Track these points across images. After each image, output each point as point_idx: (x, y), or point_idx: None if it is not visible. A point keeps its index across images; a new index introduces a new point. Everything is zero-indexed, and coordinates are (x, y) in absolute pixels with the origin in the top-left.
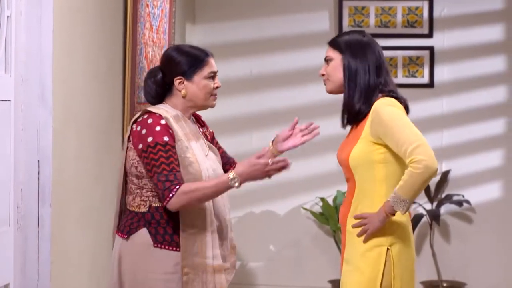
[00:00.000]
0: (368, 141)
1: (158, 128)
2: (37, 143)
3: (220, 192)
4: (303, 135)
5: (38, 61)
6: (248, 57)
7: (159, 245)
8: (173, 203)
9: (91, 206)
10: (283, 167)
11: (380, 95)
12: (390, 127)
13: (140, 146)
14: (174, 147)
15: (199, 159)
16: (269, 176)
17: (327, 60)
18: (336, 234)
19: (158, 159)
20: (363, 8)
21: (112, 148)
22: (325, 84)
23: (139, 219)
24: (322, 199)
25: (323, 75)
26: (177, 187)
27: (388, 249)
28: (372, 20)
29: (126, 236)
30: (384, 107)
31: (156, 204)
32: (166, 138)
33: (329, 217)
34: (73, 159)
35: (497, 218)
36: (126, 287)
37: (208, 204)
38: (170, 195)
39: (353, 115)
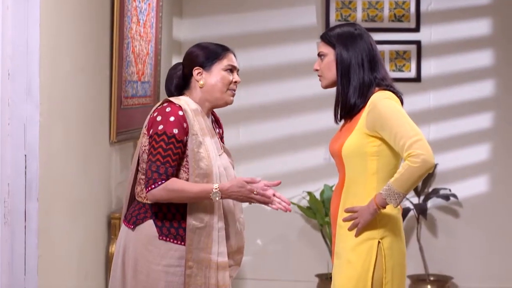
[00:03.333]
0: (362, 133)
1: (172, 119)
2: (24, 138)
3: (200, 199)
4: (273, 201)
5: (25, 56)
6: (236, 51)
7: (164, 238)
8: (153, 194)
9: (78, 201)
10: (265, 203)
11: (377, 88)
12: (388, 120)
13: (151, 131)
14: (180, 141)
15: (211, 155)
16: (250, 202)
17: (320, 55)
18: (323, 228)
19: (157, 148)
20: (350, 2)
21: (99, 142)
22: (320, 80)
23: (146, 210)
24: (309, 193)
25: (317, 70)
26: (162, 181)
27: (379, 242)
28: (359, 14)
29: (132, 227)
30: (382, 100)
31: None
32: (175, 131)
33: (316, 211)
34: (60, 153)
35: (483, 212)
36: (129, 277)
37: (218, 201)
38: (153, 186)
39: (348, 110)
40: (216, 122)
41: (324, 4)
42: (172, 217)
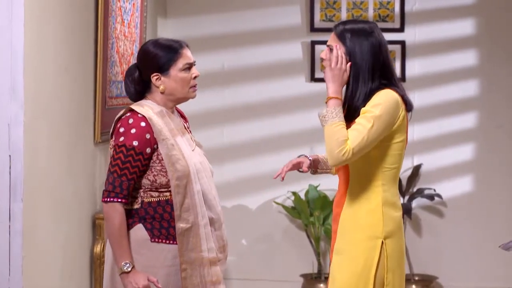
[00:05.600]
0: None
1: (133, 131)
2: (8, 138)
3: (113, 250)
4: None
5: (9, 55)
6: (220, 51)
7: (156, 240)
8: (104, 206)
9: (63, 201)
10: None
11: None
12: (366, 112)
13: (113, 142)
14: (140, 153)
15: (186, 155)
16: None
17: (331, 48)
18: (308, 228)
19: (116, 159)
20: (334, 2)
21: (83, 142)
22: (324, 72)
23: (133, 215)
24: (294, 193)
25: (323, 59)
26: (114, 199)
27: (383, 242)
28: (343, 14)
29: None
30: (380, 98)
31: (148, 199)
32: (135, 143)
33: (301, 211)
34: (45, 153)
35: (468, 212)
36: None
37: (199, 198)
38: (105, 199)
39: (352, 113)
40: (181, 116)
41: (308, 4)
42: (160, 218)
